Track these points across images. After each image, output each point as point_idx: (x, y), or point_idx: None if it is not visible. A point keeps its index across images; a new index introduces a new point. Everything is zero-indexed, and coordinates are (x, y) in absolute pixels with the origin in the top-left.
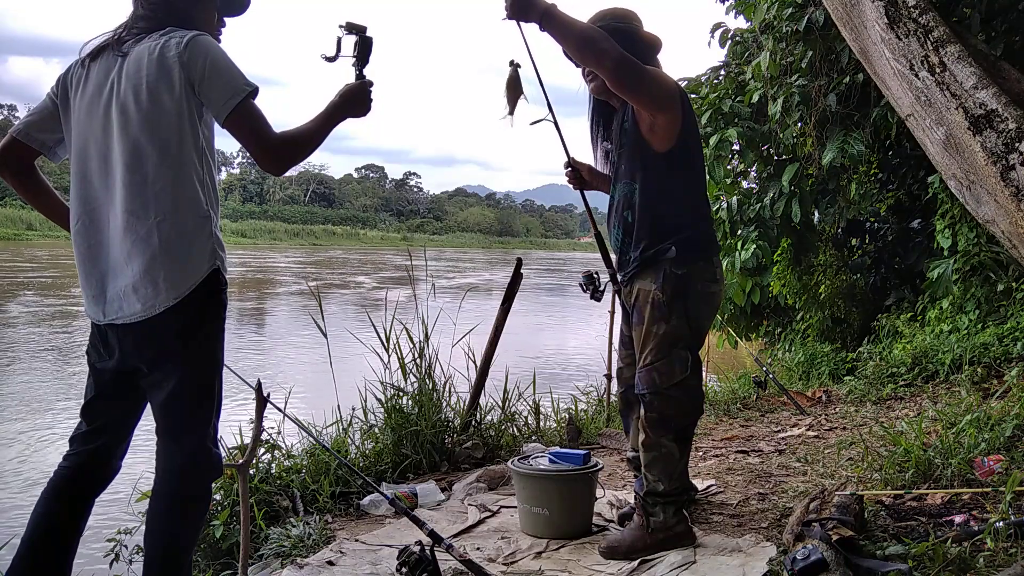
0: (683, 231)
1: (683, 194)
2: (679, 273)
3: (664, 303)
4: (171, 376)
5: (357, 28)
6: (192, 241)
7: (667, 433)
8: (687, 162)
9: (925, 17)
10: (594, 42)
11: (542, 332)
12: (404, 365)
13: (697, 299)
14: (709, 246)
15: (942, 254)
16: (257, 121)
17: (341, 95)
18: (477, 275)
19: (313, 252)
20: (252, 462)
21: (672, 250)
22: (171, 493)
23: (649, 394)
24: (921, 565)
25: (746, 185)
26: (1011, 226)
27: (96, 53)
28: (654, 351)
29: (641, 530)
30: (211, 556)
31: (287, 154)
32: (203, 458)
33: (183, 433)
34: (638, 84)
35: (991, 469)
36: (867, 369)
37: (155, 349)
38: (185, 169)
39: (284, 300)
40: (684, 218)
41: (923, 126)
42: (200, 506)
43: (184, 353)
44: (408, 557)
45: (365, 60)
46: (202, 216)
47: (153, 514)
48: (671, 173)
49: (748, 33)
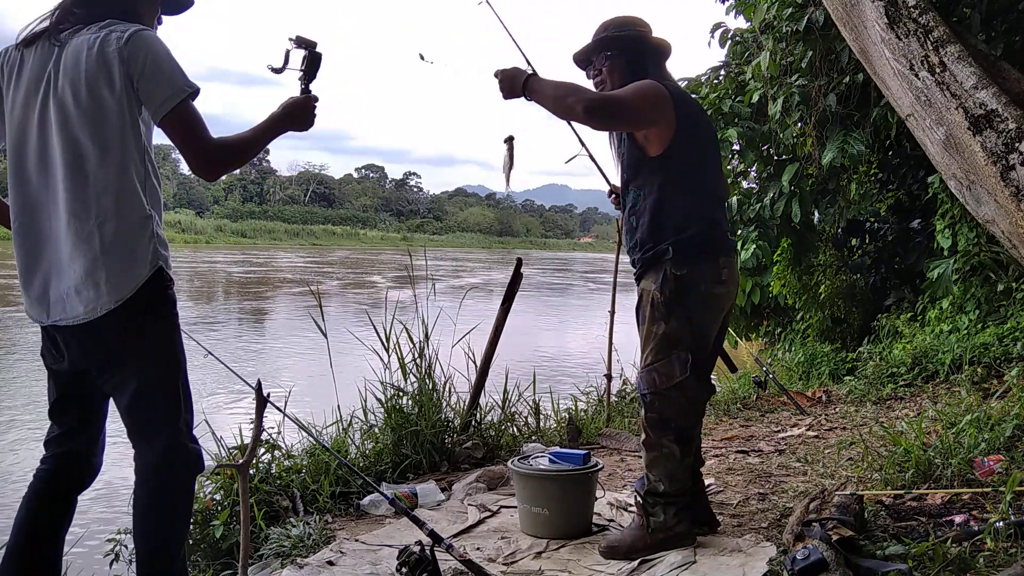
0: (684, 232)
1: (683, 195)
2: (678, 274)
3: (663, 303)
4: (129, 380)
5: (307, 43)
6: (134, 243)
7: (668, 434)
8: (687, 163)
9: (925, 17)
10: (562, 100)
11: (542, 332)
12: (404, 365)
13: (699, 300)
14: (713, 246)
15: (942, 254)
16: (194, 123)
17: (284, 108)
18: (483, 275)
19: (324, 252)
20: (252, 462)
21: (669, 251)
22: (150, 493)
23: (649, 394)
24: (921, 565)
25: (746, 185)
26: (1011, 226)
27: (31, 40)
28: (654, 351)
29: (641, 530)
30: (211, 556)
31: (221, 160)
32: (177, 455)
33: (153, 434)
34: (613, 119)
35: (991, 469)
36: (867, 369)
37: (101, 351)
38: (126, 169)
39: (295, 301)
40: (684, 219)
41: (923, 126)
42: (182, 503)
43: (136, 355)
44: (408, 557)
45: (312, 75)
46: (143, 216)
47: (137, 515)
48: (669, 176)
49: (748, 33)
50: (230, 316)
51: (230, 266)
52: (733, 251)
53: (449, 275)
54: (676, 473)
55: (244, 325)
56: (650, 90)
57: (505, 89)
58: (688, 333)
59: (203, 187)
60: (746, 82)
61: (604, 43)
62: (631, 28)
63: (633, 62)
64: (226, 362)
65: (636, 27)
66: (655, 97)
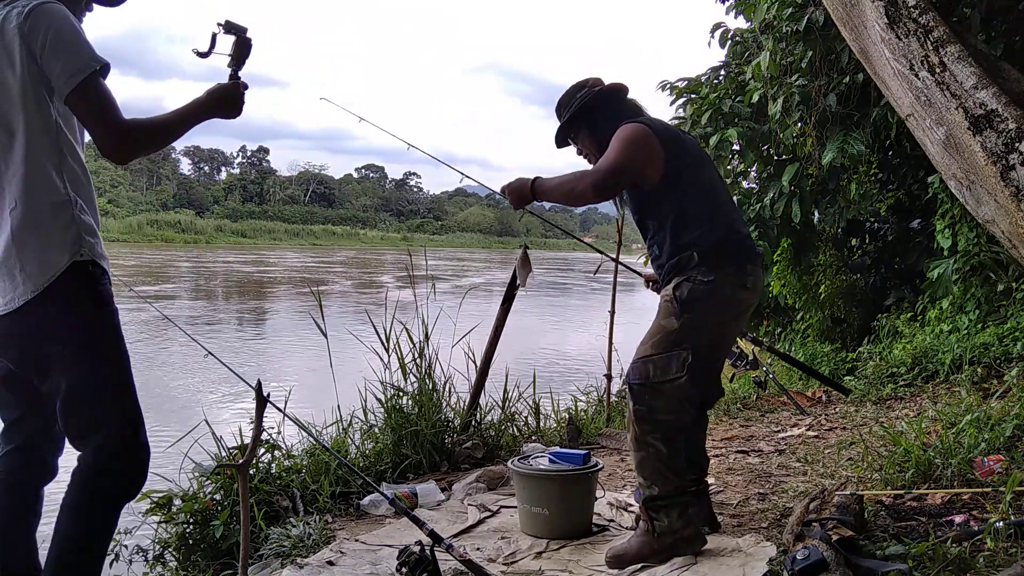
0: (706, 239)
1: (695, 207)
2: (705, 280)
3: (682, 301)
4: (58, 380)
5: (236, 28)
6: (47, 229)
7: (655, 431)
8: (687, 180)
9: (925, 17)
10: (570, 193)
11: (543, 332)
12: (404, 365)
13: (721, 303)
14: (739, 251)
15: (942, 254)
16: (102, 101)
17: (210, 93)
18: (488, 275)
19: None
20: (252, 462)
21: (695, 256)
22: (77, 493)
23: (638, 385)
24: (921, 565)
25: (746, 185)
26: (1011, 226)
27: None
28: (656, 344)
29: (647, 535)
30: (211, 556)
31: (134, 142)
32: (112, 457)
33: (87, 433)
34: (619, 185)
35: (991, 469)
36: (867, 369)
37: (18, 345)
38: (34, 152)
39: (301, 301)
40: (703, 228)
41: (923, 126)
42: (107, 508)
43: (58, 353)
44: (408, 557)
45: (241, 62)
46: (59, 202)
47: (60, 515)
48: (675, 197)
49: (748, 33)
50: (256, 314)
51: (245, 266)
52: (759, 258)
53: (456, 274)
54: (668, 473)
55: (260, 324)
56: (631, 136)
57: (515, 200)
58: (698, 333)
59: (203, 187)
60: (746, 82)
61: (565, 128)
62: (579, 99)
63: (597, 124)
64: (236, 361)
65: (590, 86)
66: (639, 139)
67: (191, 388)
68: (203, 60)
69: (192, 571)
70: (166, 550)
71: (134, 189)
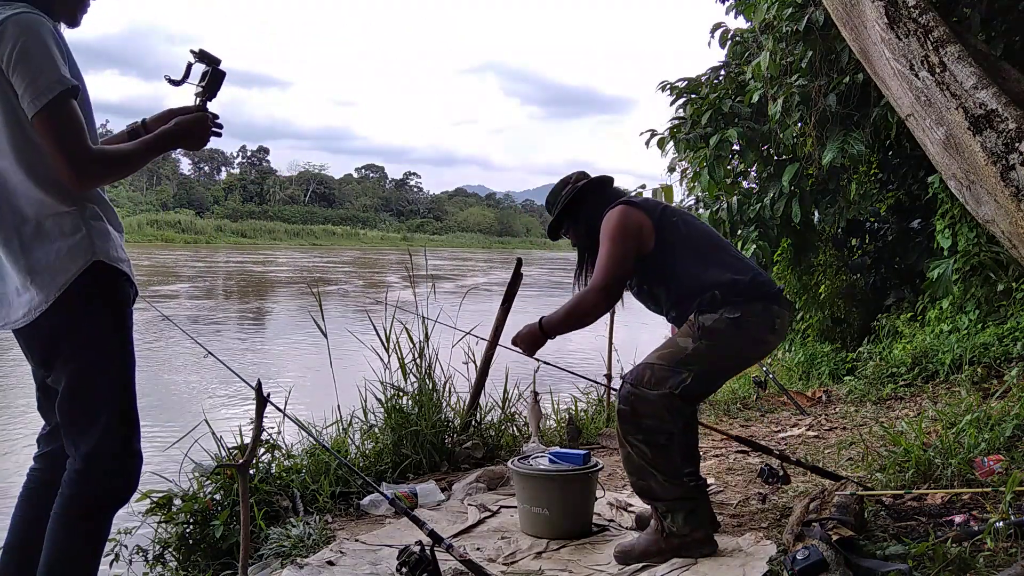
0: (720, 281)
1: (697, 257)
2: (732, 317)
3: (703, 327)
4: (60, 379)
5: (210, 59)
6: (54, 239)
7: (635, 432)
8: (680, 236)
9: (925, 17)
10: (580, 319)
11: None
12: (404, 365)
13: (743, 342)
14: (760, 289)
15: (942, 254)
16: (65, 127)
17: (178, 124)
18: (494, 275)
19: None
20: (252, 462)
21: (717, 295)
22: (66, 499)
23: (630, 385)
24: (921, 565)
25: (746, 185)
26: (1011, 226)
27: None
28: (663, 356)
29: (657, 534)
30: (211, 556)
31: (95, 173)
32: (102, 464)
33: (79, 437)
34: (622, 279)
35: (991, 469)
36: (867, 369)
37: (40, 353)
38: (28, 166)
39: (305, 301)
40: (712, 272)
41: (923, 126)
42: (97, 515)
43: (69, 354)
44: (408, 557)
45: (212, 93)
46: (61, 212)
47: (50, 522)
48: (674, 254)
49: (748, 33)
50: (280, 313)
51: (256, 266)
52: (786, 300)
53: (460, 274)
54: (651, 472)
55: (252, 325)
56: (617, 222)
57: (529, 348)
58: (708, 361)
59: (203, 187)
60: (746, 82)
61: (558, 223)
62: (564, 196)
63: (586, 218)
64: (238, 360)
65: (574, 181)
66: (625, 221)
67: (193, 387)
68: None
69: (192, 571)
70: (166, 550)
71: (134, 189)
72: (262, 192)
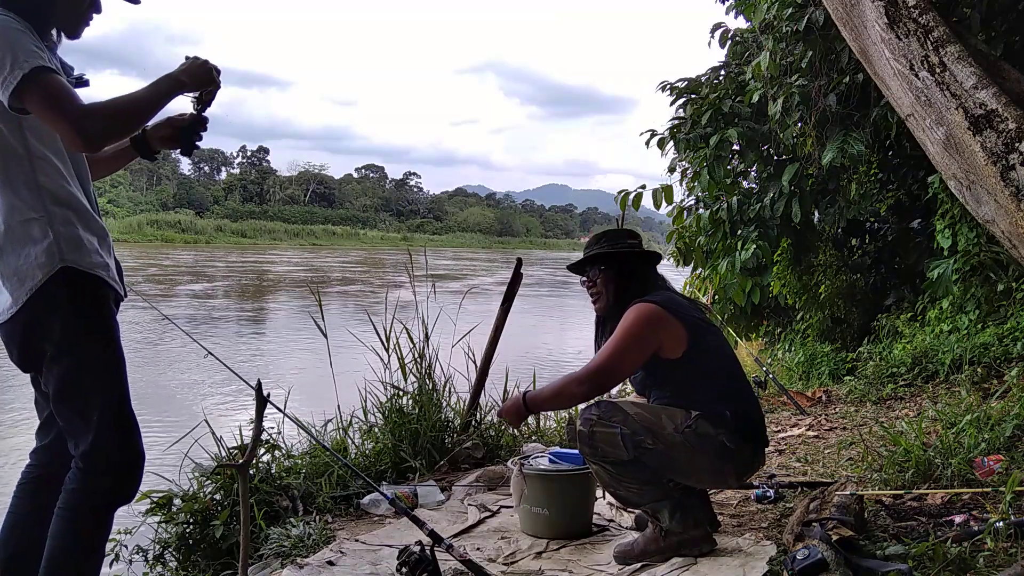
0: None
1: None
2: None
3: (695, 428)
4: (49, 382)
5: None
6: (23, 244)
7: (593, 456)
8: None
9: (925, 17)
10: (565, 400)
11: (542, 332)
12: (404, 365)
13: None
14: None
15: (942, 254)
16: (51, 92)
17: (180, 68)
18: (499, 274)
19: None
20: (252, 462)
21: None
22: (67, 497)
23: (595, 415)
24: (921, 565)
25: (746, 185)
26: (1011, 226)
27: None
28: (642, 418)
29: (655, 533)
30: (211, 556)
31: (98, 128)
32: (100, 462)
33: (76, 437)
34: (612, 381)
35: (991, 469)
36: (867, 369)
37: (16, 353)
38: (5, 172)
39: (305, 300)
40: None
41: (923, 126)
42: (98, 513)
43: (50, 358)
44: (408, 557)
45: (207, 104)
46: (30, 218)
47: (53, 520)
48: (687, 374)
49: (748, 33)
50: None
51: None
52: (764, 446)
53: (471, 273)
54: (621, 485)
55: (250, 325)
56: (645, 324)
57: (514, 420)
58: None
59: (203, 187)
60: (746, 82)
61: (597, 259)
62: (622, 242)
63: (624, 274)
64: (238, 360)
65: (627, 240)
66: (649, 323)
67: (196, 387)
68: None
69: (192, 571)
70: (166, 550)
71: (134, 189)
72: (262, 192)
